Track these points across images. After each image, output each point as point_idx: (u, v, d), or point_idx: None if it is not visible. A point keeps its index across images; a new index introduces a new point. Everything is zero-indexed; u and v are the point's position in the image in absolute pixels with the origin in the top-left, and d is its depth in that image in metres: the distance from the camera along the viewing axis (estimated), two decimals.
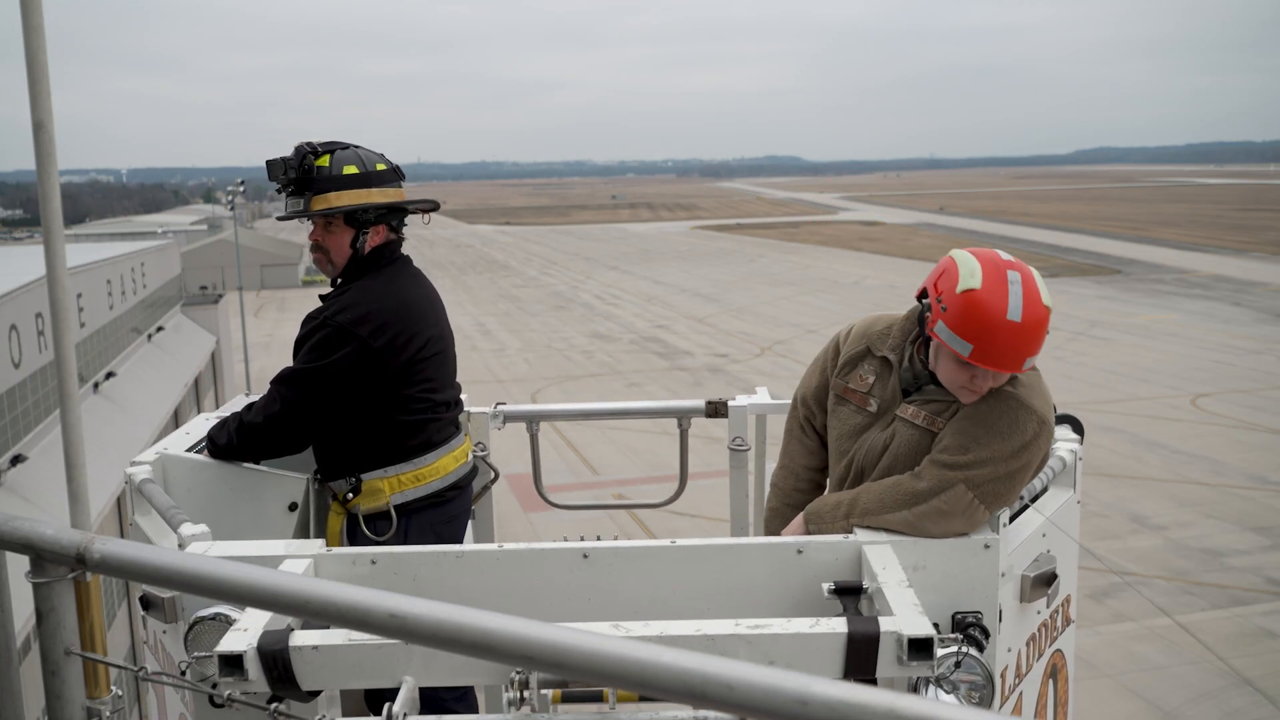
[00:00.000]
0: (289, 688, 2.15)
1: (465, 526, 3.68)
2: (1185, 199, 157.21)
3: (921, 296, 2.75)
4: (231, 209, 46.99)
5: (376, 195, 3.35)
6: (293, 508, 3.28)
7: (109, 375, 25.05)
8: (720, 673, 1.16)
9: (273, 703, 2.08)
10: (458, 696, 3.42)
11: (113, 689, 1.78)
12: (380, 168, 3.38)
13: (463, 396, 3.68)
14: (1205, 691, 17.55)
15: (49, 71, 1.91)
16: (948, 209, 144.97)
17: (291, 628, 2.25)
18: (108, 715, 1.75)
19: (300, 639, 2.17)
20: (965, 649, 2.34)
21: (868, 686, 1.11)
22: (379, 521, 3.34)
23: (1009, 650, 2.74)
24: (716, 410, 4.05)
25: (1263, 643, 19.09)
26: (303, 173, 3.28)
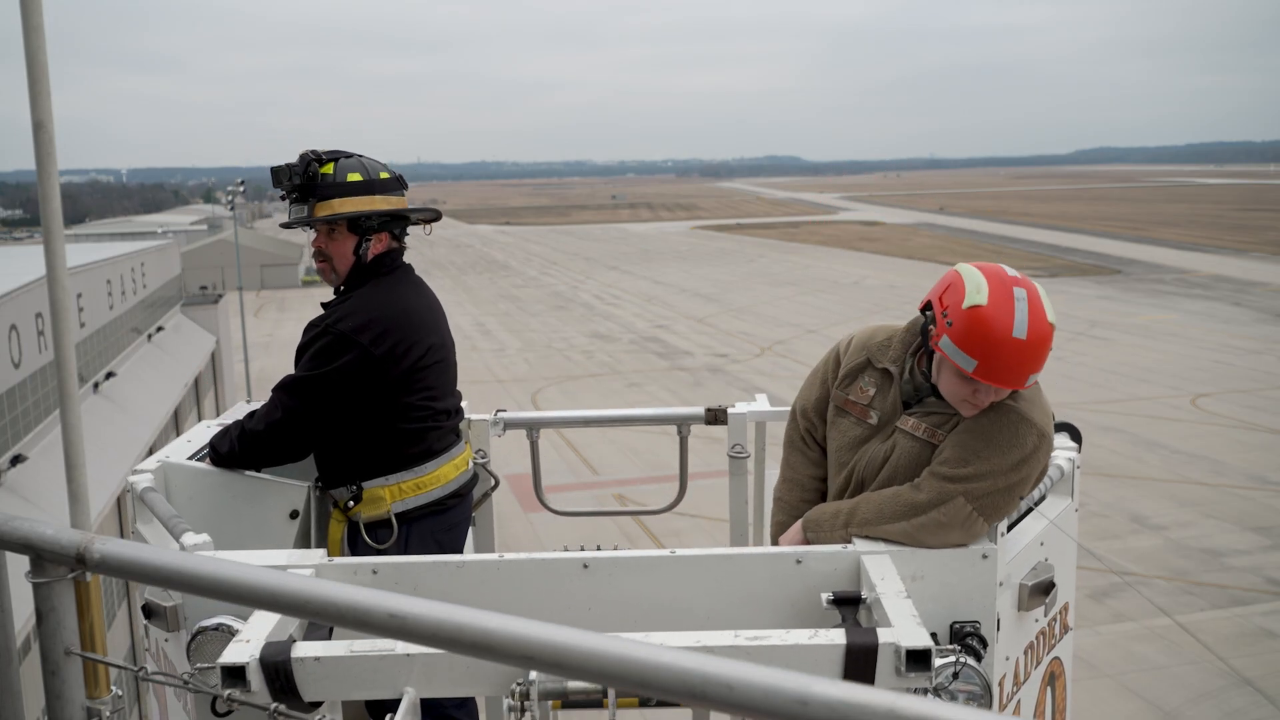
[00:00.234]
0: (291, 699, 2.16)
1: (466, 534, 3.70)
2: (1185, 199, 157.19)
3: (925, 309, 2.73)
4: (231, 209, 46.97)
5: (380, 202, 3.38)
6: (294, 515, 3.30)
7: (109, 375, 25.04)
8: (720, 673, 1.16)
9: (274, 703, 2.08)
10: (458, 705, 3.43)
11: (113, 689, 1.78)
12: (384, 176, 3.41)
13: (463, 404, 3.70)
14: (1205, 691, 17.55)
15: (49, 71, 1.91)
16: (948, 209, 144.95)
17: (293, 639, 2.26)
18: (108, 715, 1.75)
19: (302, 650, 2.18)
20: (963, 659, 2.36)
21: (868, 687, 1.11)
22: (380, 529, 3.36)
23: (1007, 658, 2.75)
24: (716, 417, 4.06)
25: (1263, 643, 19.08)
26: (307, 179, 3.31)
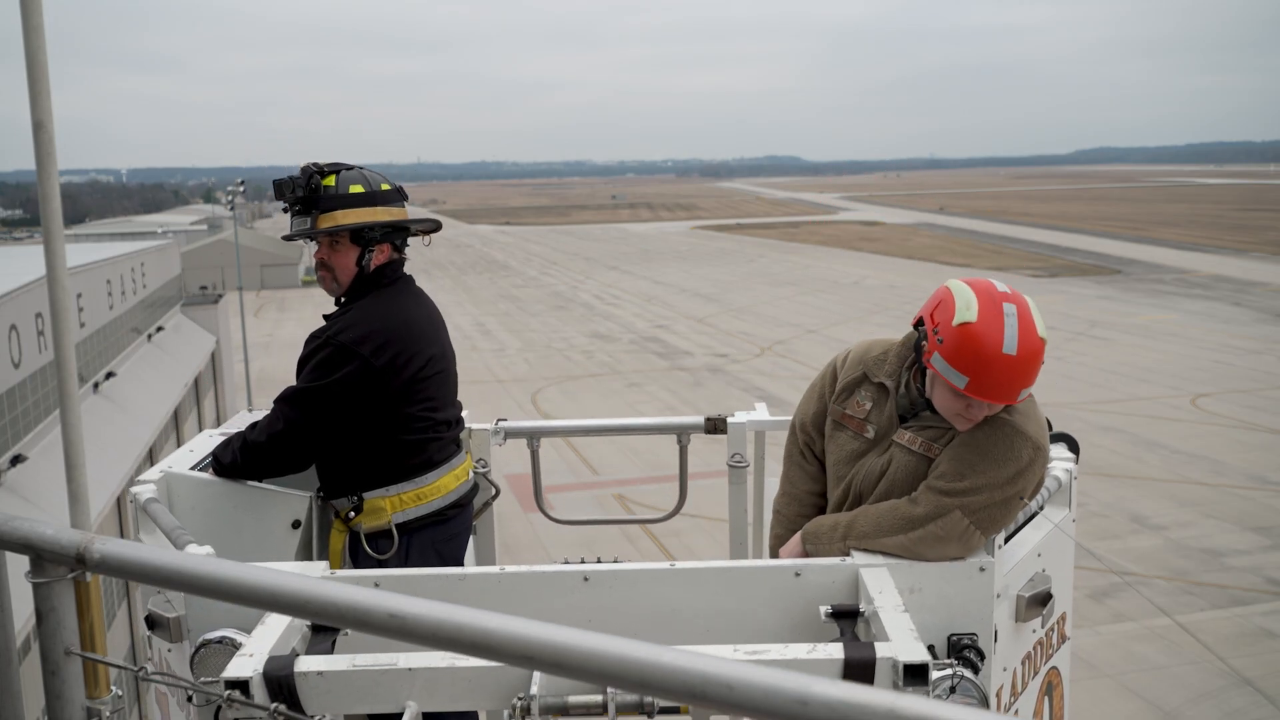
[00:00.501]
0: (294, 713, 2.18)
1: (466, 544, 3.71)
2: (1185, 199, 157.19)
3: (918, 325, 2.76)
4: (231, 209, 46.98)
5: (381, 214, 3.41)
6: (296, 525, 3.32)
7: (109, 375, 25.04)
8: (720, 673, 1.16)
9: (274, 703, 2.11)
10: (460, 719, 3.44)
11: (113, 689, 1.78)
12: (385, 187, 3.44)
13: (463, 414, 3.72)
14: (1205, 691, 17.55)
15: (49, 71, 1.91)
16: (948, 209, 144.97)
17: (296, 652, 2.28)
18: (108, 715, 1.75)
19: (305, 664, 2.20)
20: (960, 672, 2.37)
21: (867, 687, 1.11)
22: (381, 540, 3.37)
23: (1004, 669, 2.77)
24: (715, 426, 4.09)
25: (1263, 643, 19.09)
26: (309, 192, 3.34)
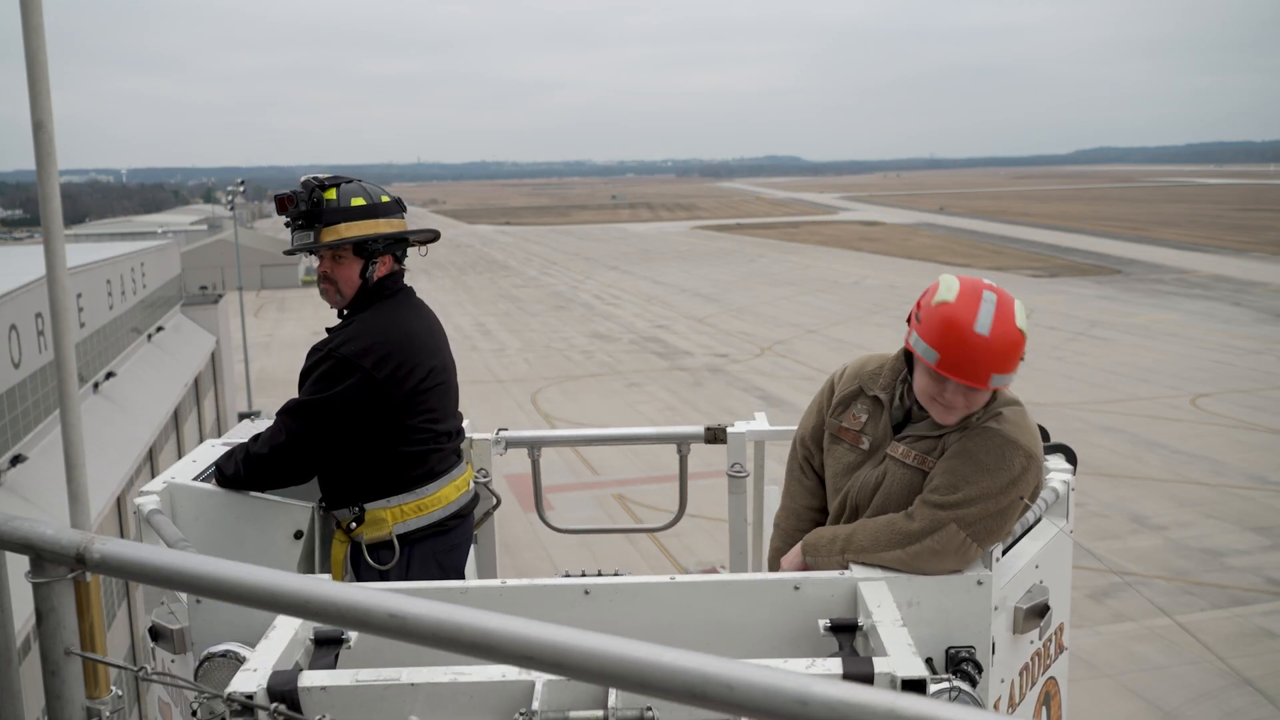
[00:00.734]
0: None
1: (467, 554, 3.73)
2: (1185, 199, 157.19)
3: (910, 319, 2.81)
4: (231, 209, 46.97)
5: (383, 225, 3.43)
6: (298, 536, 3.35)
7: (109, 375, 25.03)
8: (720, 672, 1.16)
9: (274, 702, 2.11)
10: None
11: (113, 689, 1.78)
12: (385, 199, 3.46)
13: (464, 424, 3.73)
14: (1205, 691, 17.55)
15: (49, 71, 1.91)
16: (948, 209, 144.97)
17: (299, 666, 2.29)
18: (108, 715, 1.75)
19: (309, 680, 2.20)
20: (958, 685, 2.39)
21: (867, 687, 1.11)
22: (382, 550, 3.39)
23: (1002, 681, 2.79)
24: (715, 436, 4.10)
25: (1263, 643, 19.09)
26: (311, 206, 3.35)
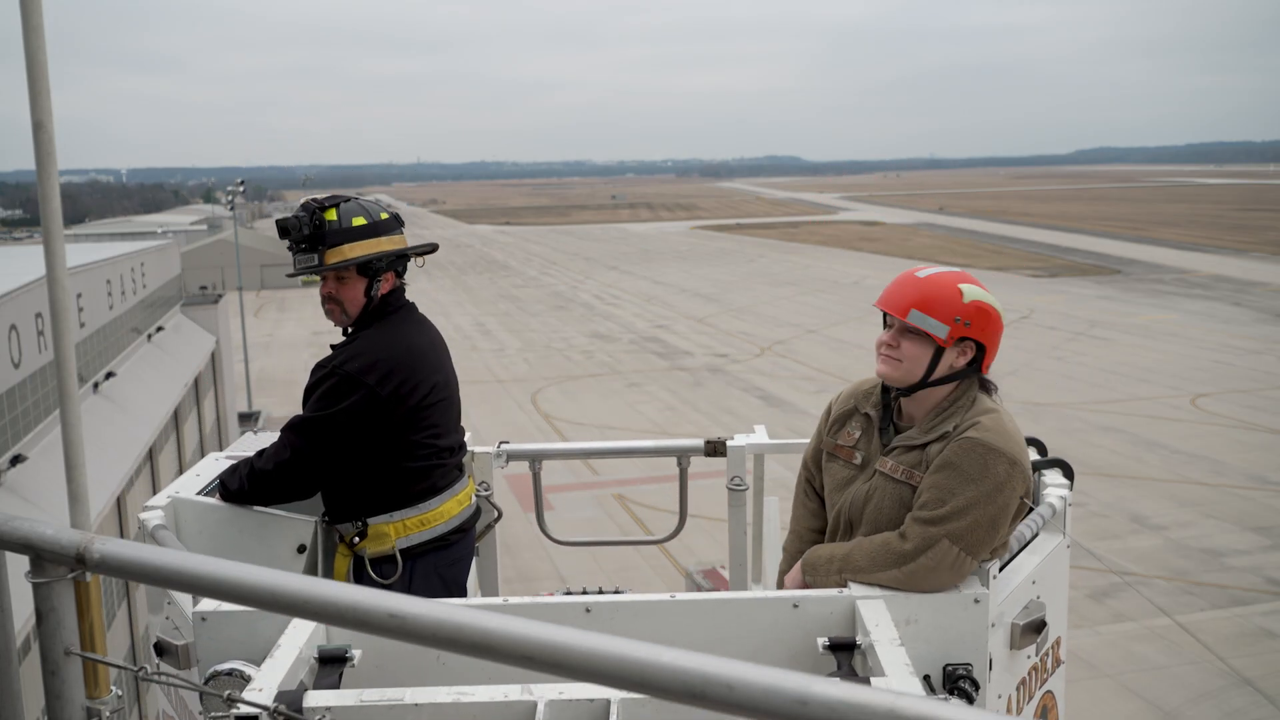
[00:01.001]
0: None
1: (469, 568, 3.74)
2: (1185, 199, 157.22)
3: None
4: (231, 209, 47.00)
5: (385, 243, 3.44)
6: (301, 550, 3.36)
7: (109, 375, 25.02)
8: (720, 673, 1.16)
9: (275, 702, 2.11)
10: None
11: (113, 689, 1.78)
12: (384, 216, 3.48)
13: (466, 438, 3.75)
14: (1205, 691, 17.56)
15: (49, 71, 1.91)
16: (948, 209, 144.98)
17: (304, 686, 2.29)
18: (108, 715, 1.75)
19: (313, 700, 2.21)
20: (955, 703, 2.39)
21: (867, 687, 1.11)
22: (384, 564, 3.40)
23: (999, 696, 2.80)
24: (715, 449, 4.11)
25: (1263, 643, 19.10)
26: (314, 229, 3.36)
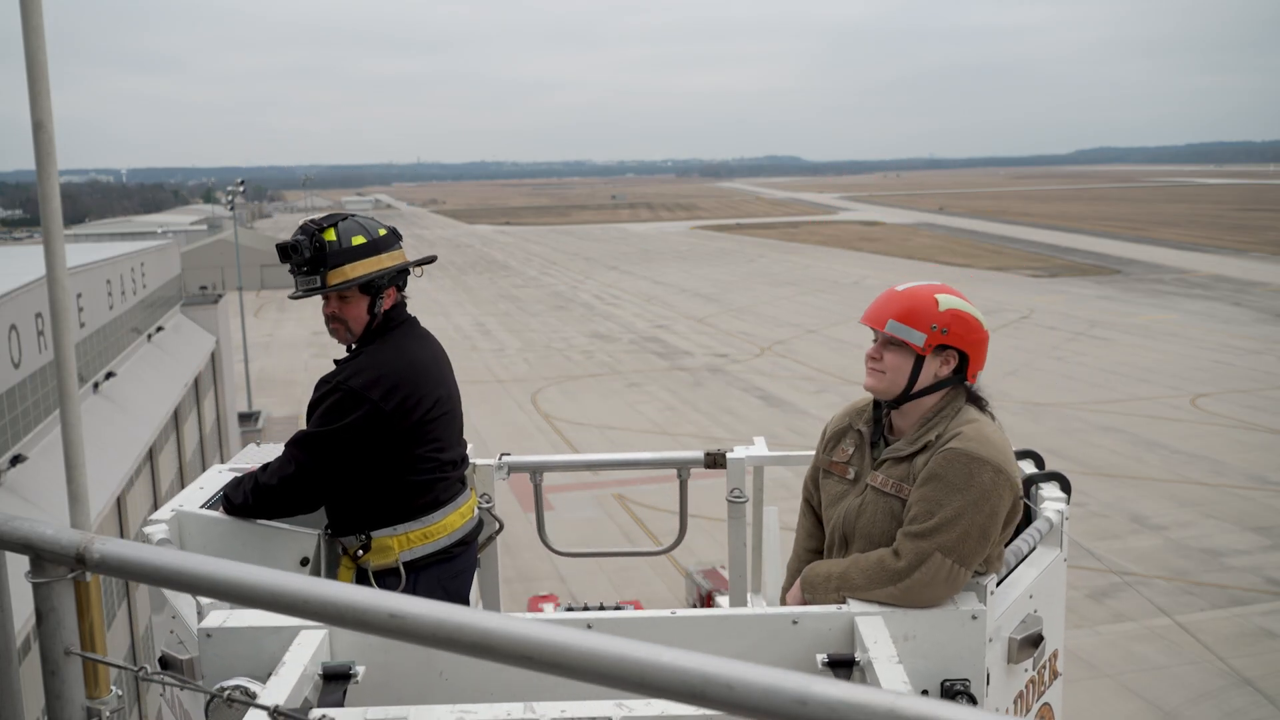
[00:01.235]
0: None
1: (471, 580, 3.77)
2: (1185, 199, 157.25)
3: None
4: (231, 209, 47.01)
5: (386, 260, 3.46)
6: (304, 562, 3.38)
7: (109, 375, 25.01)
8: (720, 672, 1.16)
9: (274, 703, 2.11)
10: None
11: (113, 689, 1.78)
12: (382, 232, 3.49)
13: (468, 450, 3.76)
14: (1205, 691, 17.56)
15: (49, 71, 1.91)
16: (948, 209, 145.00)
17: (309, 702, 2.30)
18: (108, 715, 1.75)
19: (318, 716, 2.21)
20: None
21: (867, 687, 1.11)
22: (388, 578, 3.42)
23: (997, 710, 2.81)
24: (715, 461, 4.10)
25: (1263, 643, 19.10)
26: (315, 251, 3.38)
